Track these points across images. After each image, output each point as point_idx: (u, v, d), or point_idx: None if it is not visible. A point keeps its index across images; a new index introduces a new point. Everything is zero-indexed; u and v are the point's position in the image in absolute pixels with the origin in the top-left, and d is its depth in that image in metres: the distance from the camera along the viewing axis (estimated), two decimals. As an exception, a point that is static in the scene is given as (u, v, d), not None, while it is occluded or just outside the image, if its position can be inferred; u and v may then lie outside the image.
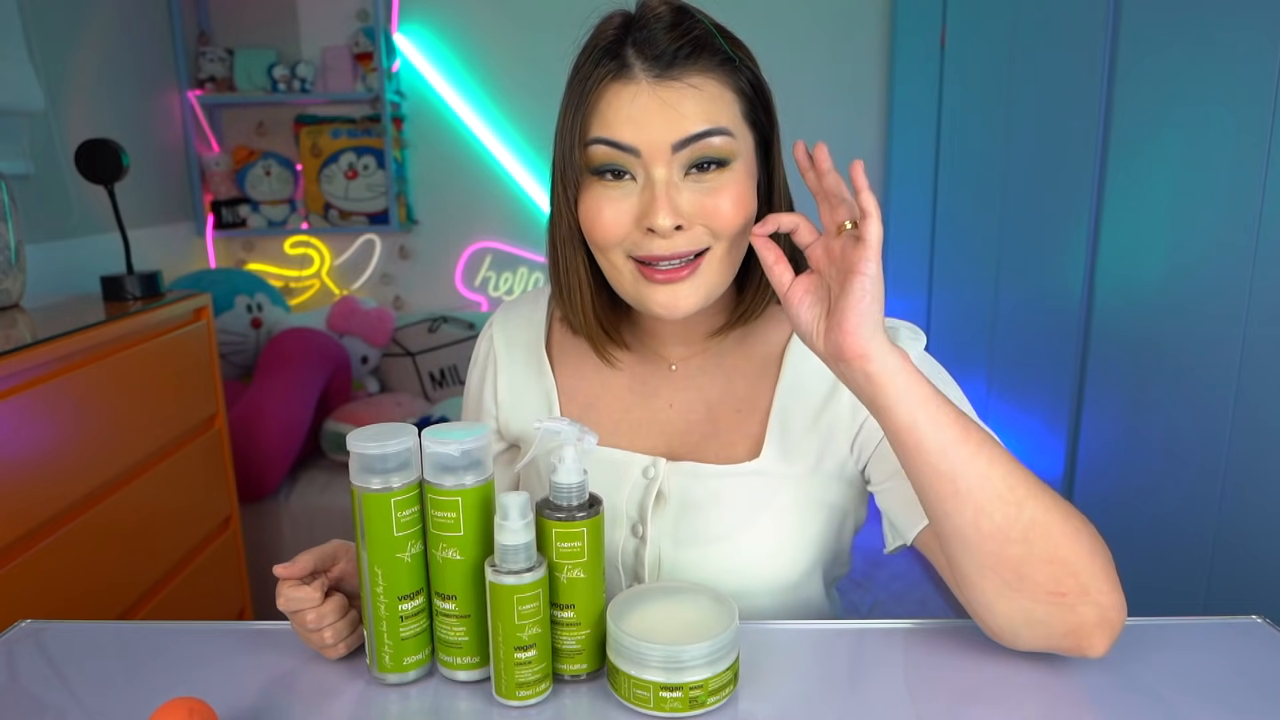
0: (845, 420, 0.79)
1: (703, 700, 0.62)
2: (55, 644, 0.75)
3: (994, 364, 2.18)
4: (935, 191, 2.50)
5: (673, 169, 0.70)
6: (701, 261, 0.72)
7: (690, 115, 0.69)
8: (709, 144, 0.69)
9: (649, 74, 0.69)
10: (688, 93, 0.69)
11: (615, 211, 0.71)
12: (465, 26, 2.82)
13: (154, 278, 1.64)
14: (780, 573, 0.79)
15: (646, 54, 0.69)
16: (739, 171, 0.71)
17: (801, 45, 2.84)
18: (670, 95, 0.69)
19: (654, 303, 0.72)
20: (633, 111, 0.69)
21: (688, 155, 0.69)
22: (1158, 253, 1.51)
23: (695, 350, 0.84)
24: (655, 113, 0.68)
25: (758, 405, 0.81)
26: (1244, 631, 0.74)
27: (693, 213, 0.70)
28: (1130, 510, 1.59)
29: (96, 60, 2.22)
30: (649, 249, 0.71)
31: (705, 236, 0.71)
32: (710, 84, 0.70)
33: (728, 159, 0.70)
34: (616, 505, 0.80)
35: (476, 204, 2.91)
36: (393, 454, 0.65)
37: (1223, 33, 1.34)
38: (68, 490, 1.27)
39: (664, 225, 0.68)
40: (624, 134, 0.69)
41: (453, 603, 0.66)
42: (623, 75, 0.70)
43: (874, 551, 2.50)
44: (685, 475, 0.79)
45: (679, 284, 0.71)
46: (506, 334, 0.89)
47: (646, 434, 0.83)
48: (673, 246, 0.70)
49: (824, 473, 0.79)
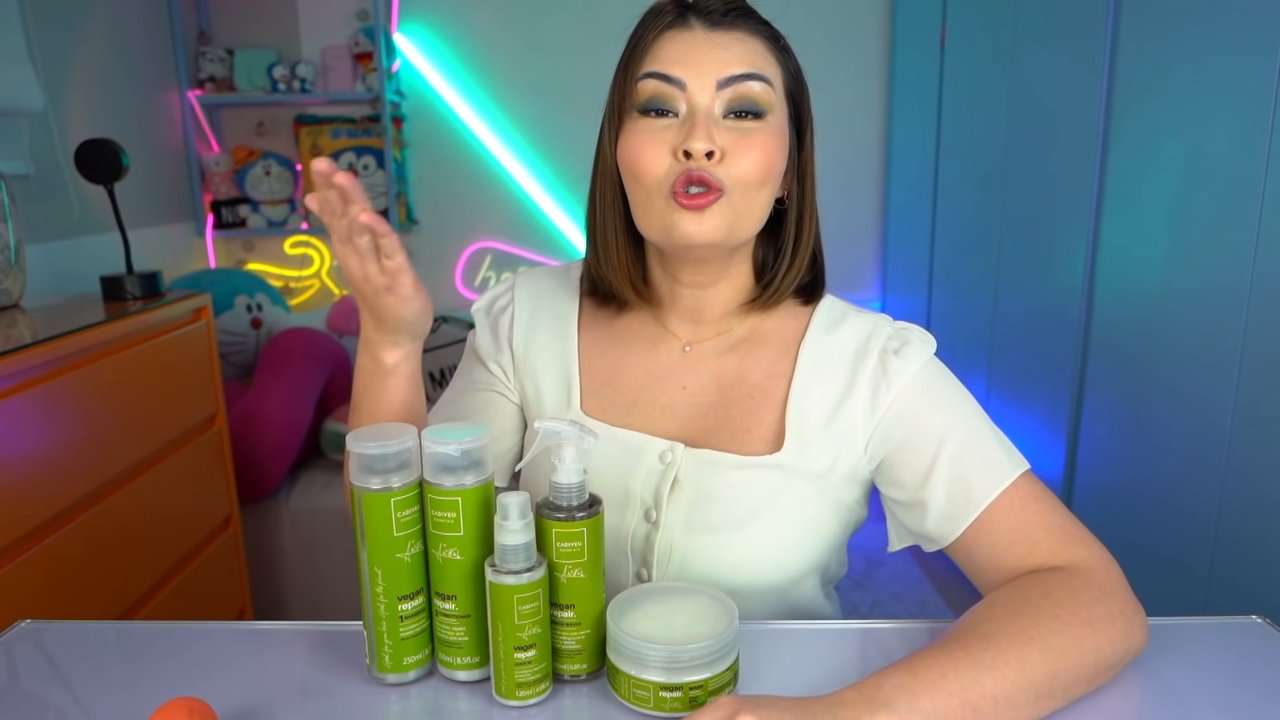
0: (860, 422, 0.79)
1: (702, 700, 0.62)
2: (55, 644, 0.75)
3: (994, 364, 2.18)
4: (935, 192, 2.50)
5: (715, 103, 0.73)
6: (720, 198, 0.73)
7: (739, 57, 0.74)
8: (750, 87, 0.73)
9: (703, 25, 0.75)
10: (739, 39, 0.74)
11: (656, 142, 0.74)
12: (465, 26, 2.82)
13: (154, 278, 1.64)
14: (788, 568, 0.79)
15: (702, 11, 0.75)
16: (772, 127, 0.75)
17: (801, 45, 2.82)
18: (722, 39, 0.74)
19: (678, 230, 0.74)
20: (685, 51, 0.74)
21: (730, 95, 0.73)
22: (1158, 253, 1.51)
23: (709, 332, 0.84)
24: (705, 52, 0.74)
25: (771, 394, 0.81)
26: (1244, 631, 0.74)
27: (725, 147, 0.73)
28: (1130, 510, 1.59)
29: (96, 60, 2.22)
30: (684, 169, 0.73)
31: (726, 178, 0.73)
32: (756, 42, 0.75)
33: (765, 110, 0.74)
34: (630, 489, 0.80)
35: (476, 204, 2.91)
36: (392, 454, 0.65)
37: (1222, 34, 1.34)
38: (68, 490, 1.27)
39: (699, 148, 0.71)
40: (673, 68, 0.74)
41: (453, 603, 0.66)
42: (679, 24, 0.76)
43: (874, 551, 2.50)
44: (703, 463, 0.79)
45: (702, 212, 0.73)
46: (532, 291, 0.91)
47: (660, 416, 0.83)
48: (702, 170, 0.72)
49: (839, 472, 0.80)
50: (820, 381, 0.80)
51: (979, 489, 0.73)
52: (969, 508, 0.74)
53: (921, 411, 0.77)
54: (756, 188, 0.74)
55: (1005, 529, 0.73)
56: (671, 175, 0.73)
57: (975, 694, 0.58)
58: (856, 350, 0.81)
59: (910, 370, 0.78)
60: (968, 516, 0.74)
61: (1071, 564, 0.70)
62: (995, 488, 0.73)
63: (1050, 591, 0.66)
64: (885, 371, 0.79)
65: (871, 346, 0.80)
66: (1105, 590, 0.67)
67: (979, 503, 0.73)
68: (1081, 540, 0.72)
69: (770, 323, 0.85)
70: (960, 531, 0.74)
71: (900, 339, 0.80)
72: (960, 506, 0.74)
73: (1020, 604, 0.65)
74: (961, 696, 0.58)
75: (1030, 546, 0.72)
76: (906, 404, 0.77)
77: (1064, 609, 0.64)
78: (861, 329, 0.82)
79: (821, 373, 0.81)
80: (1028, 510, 0.73)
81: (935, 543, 0.77)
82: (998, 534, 0.73)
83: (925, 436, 0.76)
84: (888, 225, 2.93)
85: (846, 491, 0.81)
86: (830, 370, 0.80)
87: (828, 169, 0.80)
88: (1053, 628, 0.62)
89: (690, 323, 0.85)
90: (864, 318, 0.83)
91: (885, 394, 0.78)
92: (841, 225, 2.95)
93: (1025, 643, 0.61)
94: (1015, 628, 0.62)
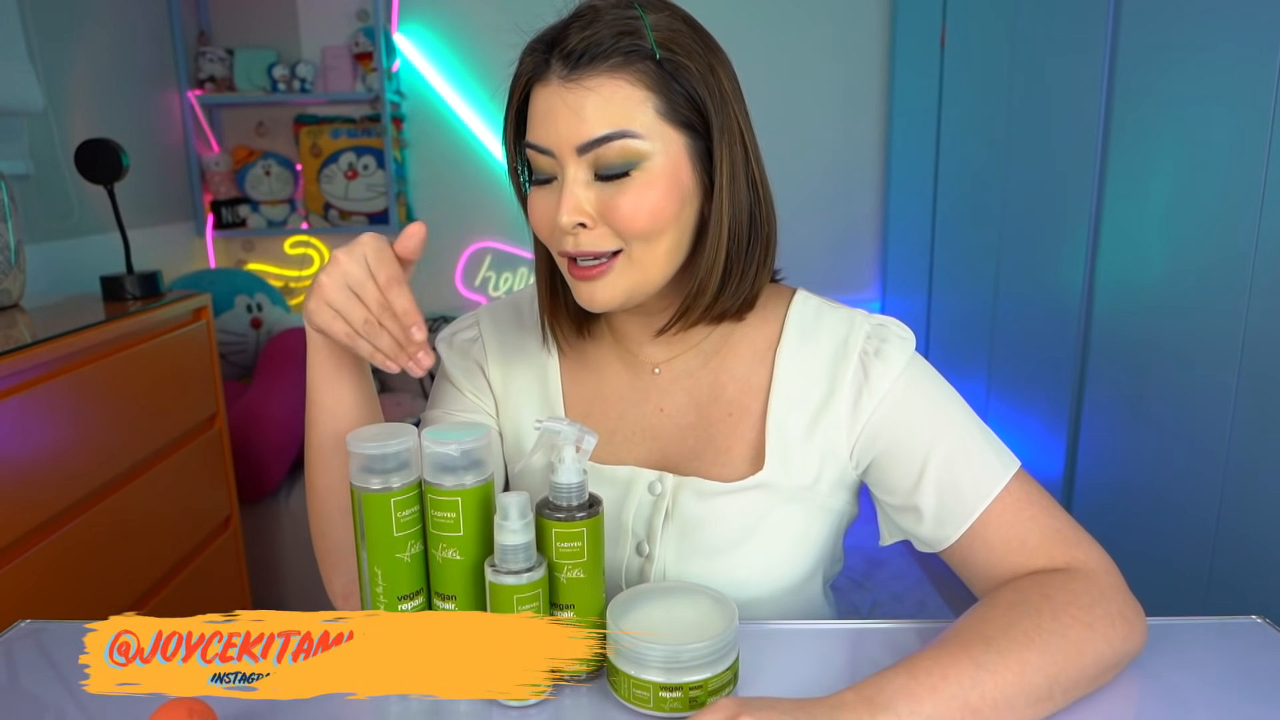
0: (843, 428, 0.77)
1: (702, 700, 0.62)
2: (55, 644, 0.75)
3: (994, 364, 2.18)
4: (935, 191, 2.50)
5: (580, 169, 0.70)
6: (615, 262, 0.71)
7: (590, 119, 0.68)
8: (609, 149, 0.68)
9: (559, 73, 0.70)
10: (588, 96, 0.68)
11: (540, 209, 0.73)
12: (465, 26, 2.82)
13: (154, 278, 1.64)
14: (784, 580, 0.78)
15: (562, 52, 0.70)
16: (650, 173, 0.69)
17: (801, 45, 2.84)
18: (572, 98, 0.69)
19: (578, 296, 0.74)
20: (545, 113, 0.70)
21: (591, 160, 0.69)
22: (1157, 253, 1.51)
23: (674, 351, 0.82)
24: (561, 115, 0.69)
25: (749, 408, 0.80)
26: (1244, 631, 0.74)
27: (598, 212, 0.70)
28: (1129, 510, 1.59)
29: (96, 60, 2.22)
30: (564, 245, 0.72)
31: (612, 238, 0.71)
32: (615, 85, 0.68)
33: (634, 161, 0.69)
34: (623, 522, 0.79)
35: (476, 204, 2.91)
36: (392, 454, 0.65)
37: (1222, 33, 1.34)
38: (68, 490, 1.27)
39: (564, 223, 0.69)
40: (539, 136, 0.71)
41: (453, 603, 0.66)
42: (541, 76, 0.71)
43: (874, 551, 2.50)
44: (690, 491, 0.78)
45: (594, 281, 0.72)
46: (498, 328, 0.88)
47: (640, 441, 0.82)
48: (579, 244, 0.71)
49: (826, 481, 0.78)
50: (799, 390, 0.78)
51: (971, 495, 0.73)
52: (962, 515, 0.73)
53: (907, 417, 0.76)
54: (649, 239, 0.71)
55: (1001, 535, 0.72)
56: (559, 242, 0.72)
57: (976, 697, 0.58)
58: (834, 353, 0.78)
59: (892, 374, 0.76)
60: (962, 523, 0.73)
61: (1070, 566, 0.70)
62: (988, 494, 0.72)
63: (1050, 594, 0.66)
64: (867, 376, 0.77)
65: (850, 349, 0.78)
66: (1105, 592, 0.67)
67: (972, 510, 0.73)
68: (1079, 542, 0.72)
69: (742, 330, 0.82)
70: (954, 538, 0.74)
71: (879, 338, 0.78)
72: (953, 513, 0.73)
73: (1021, 606, 0.65)
74: (962, 700, 0.58)
75: (1028, 551, 0.71)
76: (891, 409, 0.76)
77: (1064, 612, 0.64)
78: (838, 330, 0.80)
79: (799, 381, 0.79)
80: (1023, 514, 0.72)
81: (929, 547, 0.76)
82: (993, 540, 0.72)
83: (913, 442, 0.75)
84: (888, 225, 2.92)
85: (835, 498, 0.80)
86: (808, 377, 0.78)
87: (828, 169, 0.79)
88: (1053, 630, 0.62)
89: (648, 346, 0.82)
90: (839, 315, 0.81)
91: (868, 400, 0.76)
92: (841, 225, 2.95)
93: (1026, 646, 0.61)
94: (1016, 630, 0.62)
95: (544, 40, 0.72)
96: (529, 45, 0.73)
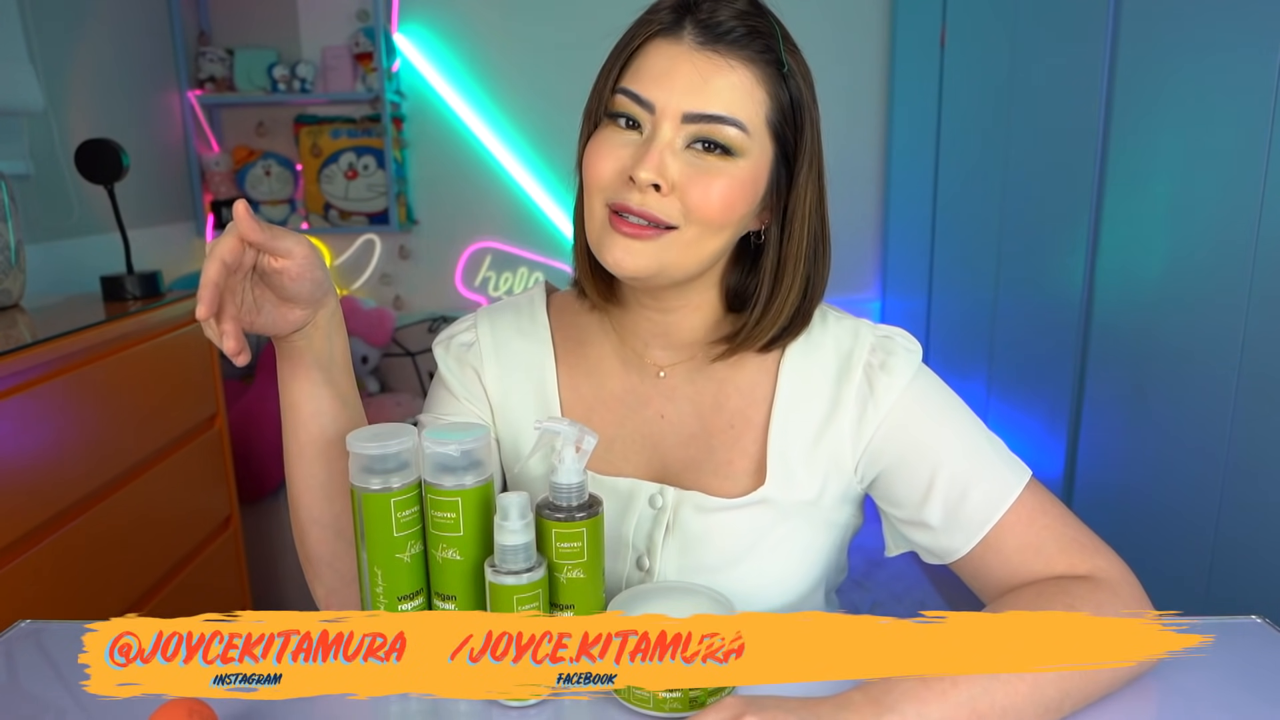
0: (847, 442, 0.76)
1: (702, 700, 0.62)
2: (55, 644, 0.75)
3: (994, 364, 2.18)
4: (935, 191, 2.50)
5: (678, 135, 0.69)
6: (665, 235, 0.70)
7: (714, 93, 0.68)
8: (718, 128, 0.68)
9: (695, 40, 0.69)
10: (722, 69, 0.68)
11: (612, 153, 0.71)
12: (465, 26, 2.82)
13: (154, 278, 1.64)
14: (787, 594, 0.78)
15: (702, 22, 0.69)
16: (742, 169, 0.70)
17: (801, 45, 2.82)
18: (705, 66, 0.68)
19: (609, 253, 0.71)
20: (665, 70, 0.69)
21: (695, 130, 0.69)
22: (1158, 252, 1.51)
23: (681, 357, 0.81)
24: (683, 77, 0.68)
25: (752, 420, 0.79)
26: (1244, 631, 0.74)
27: (677, 181, 0.69)
28: (1130, 510, 1.59)
29: (96, 60, 2.22)
30: (624, 197, 0.69)
31: (677, 213, 0.69)
32: (747, 73, 0.69)
33: (734, 150, 0.69)
34: (623, 535, 0.78)
35: (476, 204, 2.91)
36: (392, 454, 0.65)
37: (1223, 33, 1.34)
38: (68, 490, 1.27)
39: (643, 178, 0.67)
40: (647, 88, 0.69)
41: (453, 603, 0.66)
42: (671, 33, 0.70)
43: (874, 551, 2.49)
44: (691, 506, 0.77)
45: (636, 242, 0.69)
46: (495, 331, 0.85)
47: (641, 448, 0.81)
48: (644, 204, 0.69)
49: (830, 495, 0.78)
50: (803, 403, 0.77)
51: (983, 508, 0.72)
52: (973, 528, 0.72)
53: (913, 431, 0.75)
54: (709, 230, 0.70)
55: (1016, 546, 0.71)
56: (616, 192, 0.70)
57: (985, 705, 0.57)
58: (840, 365, 0.77)
59: (898, 387, 0.75)
60: (973, 537, 0.72)
61: (1093, 575, 0.69)
62: (1000, 506, 0.71)
63: (1074, 604, 0.65)
64: (872, 390, 0.76)
65: (855, 361, 0.77)
66: (1128, 603, 0.66)
67: (984, 522, 0.72)
68: (1098, 550, 0.71)
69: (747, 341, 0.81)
70: (966, 551, 0.73)
71: (884, 350, 0.77)
72: (964, 527, 0.72)
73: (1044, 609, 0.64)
74: (970, 707, 0.57)
75: (1045, 561, 0.70)
76: (896, 424, 0.75)
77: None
78: (843, 341, 0.78)
79: (803, 393, 0.77)
80: (1036, 524, 0.71)
81: (938, 559, 0.76)
82: (1008, 550, 0.71)
83: (919, 457, 0.74)
84: (888, 225, 2.92)
85: (839, 512, 0.79)
86: (812, 390, 0.77)
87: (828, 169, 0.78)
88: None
89: (660, 347, 0.81)
90: (844, 326, 0.80)
91: (873, 414, 0.75)
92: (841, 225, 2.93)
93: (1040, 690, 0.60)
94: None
95: (679, 3, 0.71)
96: (655, 3, 0.73)
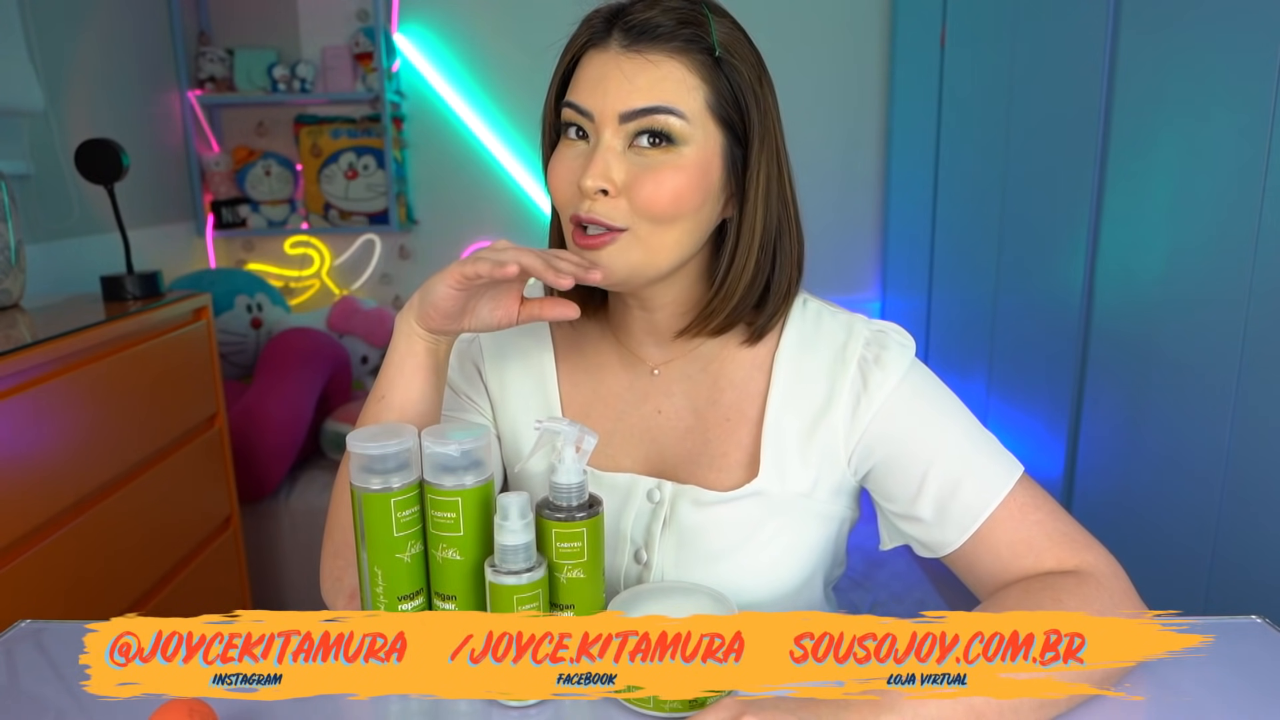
0: (841, 436, 0.77)
1: (702, 700, 0.62)
2: (55, 644, 0.75)
3: (994, 364, 2.18)
4: (935, 191, 2.50)
5: (618, 137, 0.70)
6: (620, 238, 0.71)
7: (642, 88, 0.69)
8: (653, 119, 0.69)
9: (620, 44, 0.70)
10: (645, 67, 0.69)
11: (567, 168, 0.72)
12: (465, 26, 2.82)
13: (154, 278, 1.64)
14: (783, 586, 0.78)
15: (627, 25, 0.71)
16: (686, 158, 0.70)
17: (801, 45, 2.83)
18: (629, 66, 0.70)
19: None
20: (599, 77, 0.71)
21: (634, 127, 0.70)
22: (1158, 253, 1.51)
23: (674, 353, 0.82)
24: (613, 80, 0.70)
25: (747, 414, 0.79)
26: (1244, 631, 0.74)
27: (623, 183, 0.70)
28: (1130, 510, 1.59)
29: (96, 60, 2.22)
30: (578, 209, 0.71)
31: (626, 214, 0.70)
32: (676, 64, 0.70)
33: (674, 139, 0.70)
34: (622, 530, 0.79)
35: (476, 204, 2.91)
36: (392, 454, 0.65)
37: (1223, 32, 1.34)
38: (68, 490, 1.27)
39: (588, 186, 0.69)
40: (584, 97, 0.71)
41: (453, 603, 0.66)
42: (600, 42, 0.72)
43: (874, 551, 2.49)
44: (688, 500, 0.78)
45: (597, 252, 0.71)
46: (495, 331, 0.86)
47: (638, 444, 0.82)
48: (592, 210, 0.70)
49: (823, 488, 0.78)
50: (797, 397, 0.78)
51: (975, 502, 0.72)
52: (965, 521, 0.73)
53: (906, 425, 0.75)
54: (662, 223, 0.70)
55: (1007, 539, 0.72)
56: (576, 205, 0.71)
57: (982, 702, 0.58)
58: (833, 360, 0.78)
59: (891, 381, 0.76)
60: (965, 531, 0.73)
61: (1080, 569, 0.69)
62: (992, 501, 0.72)
63: (1062, 599, 0.65)
64: (865, 384, 0.76)
65: (849, 355, 0.77)
66: (1115, 598, 0.67)
67: (976, 516, 0.72)
68: (1088, 545, 0.71)
69: (741, 334, 0.82)
70: (957, 545, 0.73)
71: (878, 344, 0.77)
72: (956, 521, 0.73)
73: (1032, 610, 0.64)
74: (968, 704, 0.58)
75: (1035, 556, 0.71)
76: (890, 418, 0.76)
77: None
78: (837, 335, 0.79)
79: (798, 388, 0.78)
80: (1028, 519, 0.72)
81: (931, 553, 0.76)
82: (999, 545, 0.72)
83: (913, 451, 0.75)
84: (888, 225, 2.92)
85: (833, 505, 0.80)
86: (807, 384, 0.78)
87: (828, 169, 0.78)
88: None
89: (652, 345, 0.82)
90: (838, 321, 0.80)
91: (866, 408, 0.76)
92: (841, 225, 2.95)
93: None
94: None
95: (606, 12, 0.73)
96: (589, 15, 0.74)
